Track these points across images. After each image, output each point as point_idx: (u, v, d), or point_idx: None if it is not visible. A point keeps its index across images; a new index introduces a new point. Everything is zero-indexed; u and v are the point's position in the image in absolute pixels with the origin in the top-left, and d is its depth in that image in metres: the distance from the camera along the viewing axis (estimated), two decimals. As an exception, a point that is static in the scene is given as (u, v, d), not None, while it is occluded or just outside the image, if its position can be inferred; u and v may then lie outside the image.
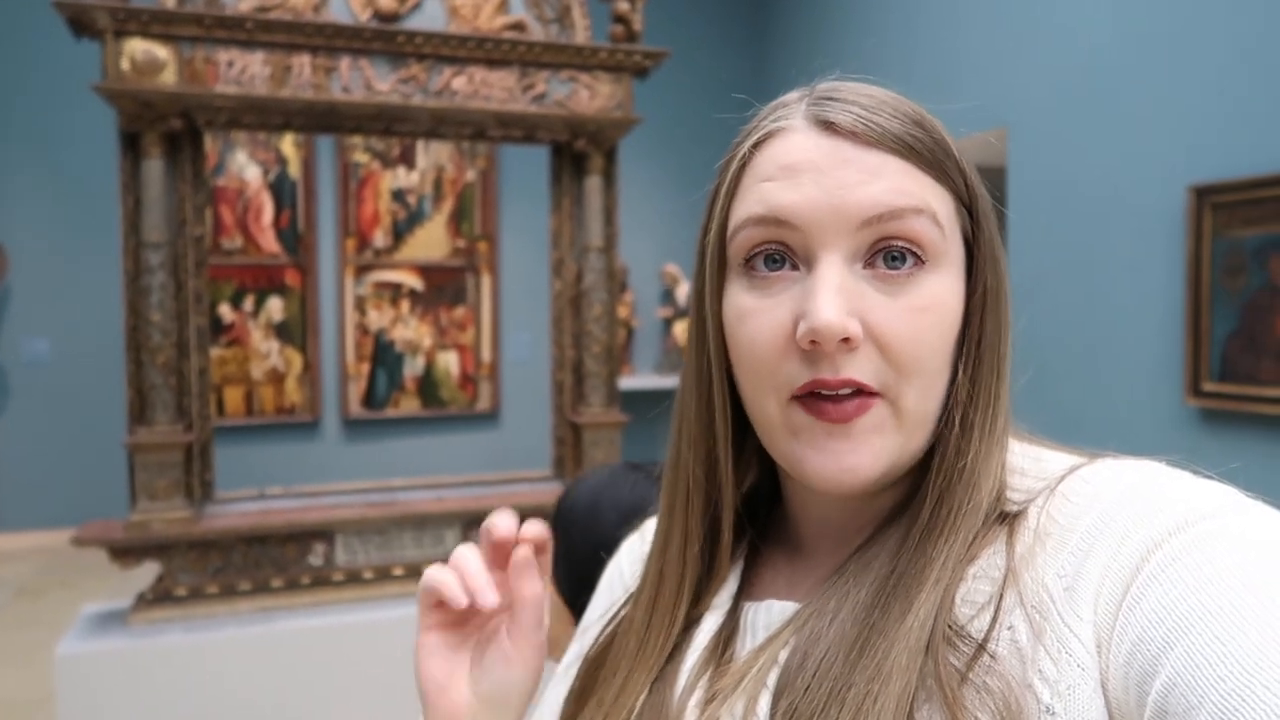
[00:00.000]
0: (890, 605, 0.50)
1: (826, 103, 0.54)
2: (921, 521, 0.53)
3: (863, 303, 0.51)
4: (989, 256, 0.55)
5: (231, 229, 5.09)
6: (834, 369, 0.51)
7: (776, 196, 0.52)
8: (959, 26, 3.87)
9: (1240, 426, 2.67)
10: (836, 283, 0.50)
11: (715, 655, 0.57)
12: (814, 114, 0.54)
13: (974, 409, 0.53)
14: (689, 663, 0.57)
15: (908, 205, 0.51)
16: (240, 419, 5.11)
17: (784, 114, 0.55)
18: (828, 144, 0.52)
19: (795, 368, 0.52)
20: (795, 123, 0.54)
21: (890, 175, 0.51)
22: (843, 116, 0.52)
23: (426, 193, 5.38)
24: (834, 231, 0.51)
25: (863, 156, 0.52)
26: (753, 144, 0.55)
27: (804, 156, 0.52)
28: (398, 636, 2.28)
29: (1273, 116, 2.56)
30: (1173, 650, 0.40)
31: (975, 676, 0.46)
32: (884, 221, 0.51)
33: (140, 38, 2.10)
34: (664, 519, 0.62)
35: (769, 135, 0.55)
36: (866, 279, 0.52)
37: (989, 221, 0.56)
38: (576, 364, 2.62)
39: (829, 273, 0.51)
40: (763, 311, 0.53)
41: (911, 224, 0.51)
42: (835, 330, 0.49)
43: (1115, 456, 0.54)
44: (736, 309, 0.55)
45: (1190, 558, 0.43)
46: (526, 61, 2.39)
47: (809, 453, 0.52)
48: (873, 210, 0.51)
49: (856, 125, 0.52)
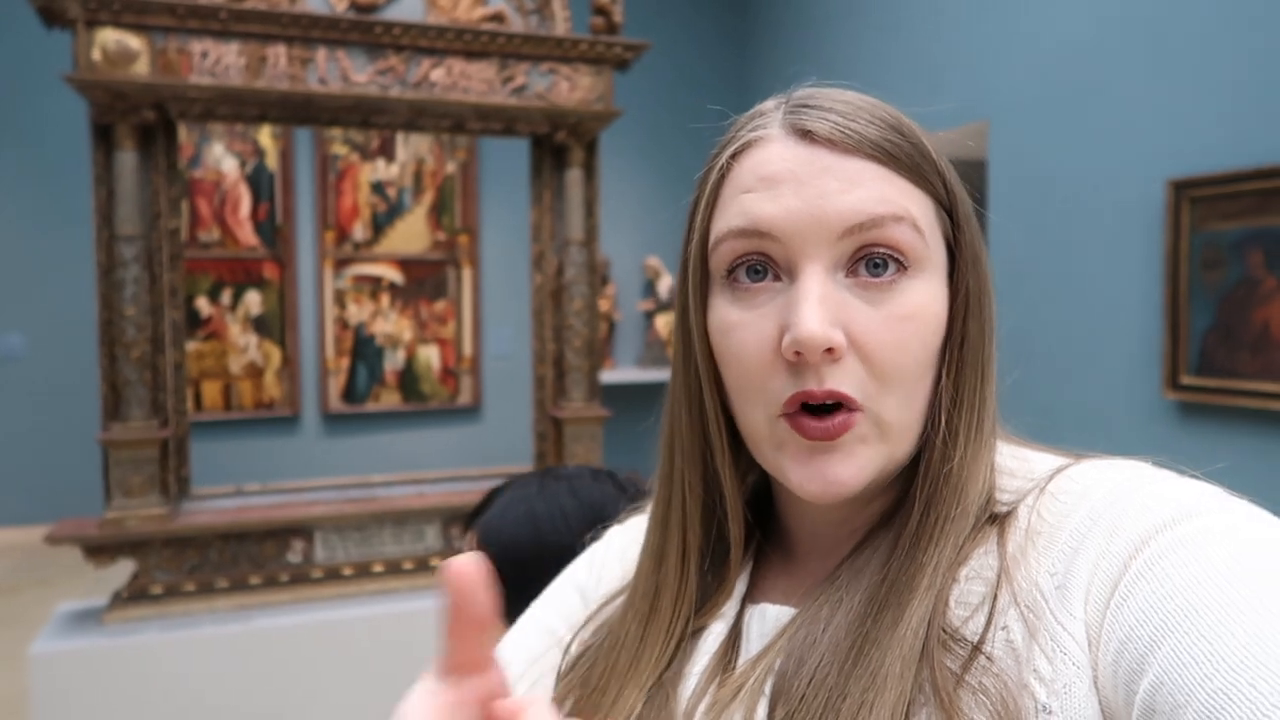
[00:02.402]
0: (882, 613, 0.50)
1: (803, 110, 0.53)
2: (910, 528, 0.53)
3: (846, 312, 0.51)
4: (971, 259, 0.55)
5: (209, 221, 5.04)
6: (819, 380, 0.51)
7: (756, 208, 0.52)
8: (940, 20, 3.87)
9: (1218, 420, 2.70)
10: (819, 293, 0.50)
11: (723, 661, 0.56)
12: (791, 122, 0.53)
13: (958, 413, 0.54)
14: (698, 667, 0.56)
15: (888, 213, 0.51)
16: (218, 414, 5.06)
17: (761, 123, 0.55)
18: (806, 153, 0.52)
19: (781, 381, 0.52)
20: (773, 132, 0.54)
21: (869, 183, 0.51)
22: (820, 125, 0.52)
23: (406, 185, 5.34)
24: (815, 242, 0.51)
25: (841, 164, 0.51)
26: (731, 154, 0.55)
27: (783, 166, 0.52)
28: (377, 634, 2.27)
29: (1251, 111, 2.57)
30: (1160, 648, 0.40)
31: (971, 678, 0.46)
32: (865, 230, 0.51)
33: (112, 27, 2.06)
34: (656, 533, 0.61)
35: (747, 145, 0.55)
36: (849, 288, 0.52)
37: (970, 224, 0.56)
38: (558, 358, 2.61)
39: (811, 283, 0.51)
40: (747, 324, 0.53)
41: (892, 231, 0.51)
42: (819, 341, 0.49)
43: (1101, 456, 0.54)
44: (721, 321, 0.55)
45: (1176, 556, 0.43)
46: (506, 53, 2.37)
47: (794, 466, 0.53)
48: (853, 219, 0.51)
49: (834, 133, 0.52)
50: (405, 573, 2.41)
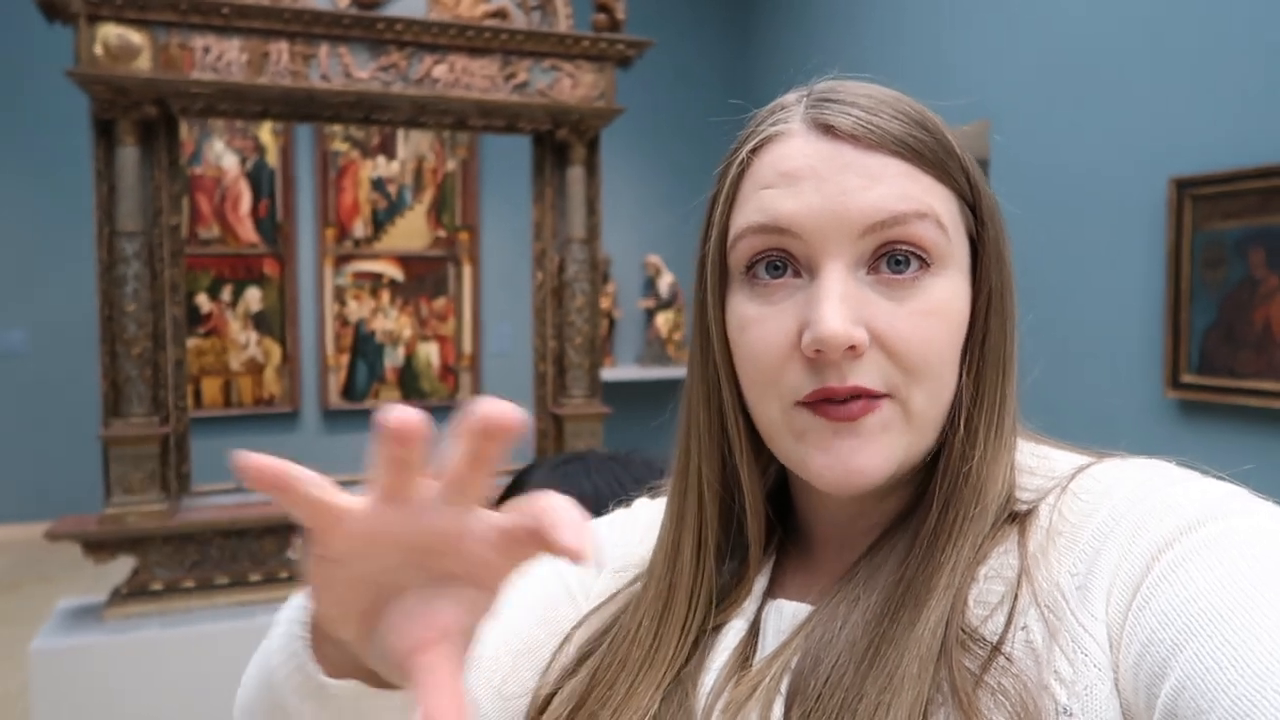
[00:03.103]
0: (900, 613, 0.49)
1: (825, 105, 0.52)
2: (929, 526, 0.52)
3: (868, 309, 0.50)
4: (994, 255, 0.54)
5: (209, 218, 5.03)
6: (840, 377, 0.50)
7: (777, 204, 0.51)
8: (941, 19, 3.86)
9: (1219, 419, 2.69)
10: (840, 290, 0.49)
11: (742, 658, 0.55)
12: (813, 117, 0.52)
13: (979, 411, 0.53)
14: (717, 663, 0.56)
15: (911, 210, 0.50)
16: (218, 410, 5.06)
17: (782, 117, 0.54)
18: (828, 148, 0.51)
19: (800, 376, 0.51)
20: (794, 126, 0.53)
21: (892, 179, 0.50)
22: (842, 119, 0.51)
23: (407, 182, 5.33)
24: (836, 239, 0.50)
25: (863, 160, 0.50)
26: (751, 149, 0.54)
27: (804, 162, 0.51)
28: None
29: (1254, 110, 2.57)
30: (1182, 652, 0.40)
31: (990, 679, 0.45)
32: (887, 227, 0.50)
33: (114, 22, 2.06)
34: (672, 528, 0.60)
35: (767, 140, 0.53)
36: (870, 285, 0.51)
37: (994, 219, 0.55)
38: (558, 355, 2.60)
39: (832, 281, 0.50)
40: (766, 320, 0.52)
41: (915, 228, 0.50)
42: (841, 340, 0.48)
43: (1124, 455, 0.53)
44: (739, 318, 0.54)
45: (1200, 559, 0.43)
46: (508, 50, 2.36)
47: (814, 453, 0.51)
48: (875, 216, 0.50)
49: (856, 128, 0.51)
50: (406, 570, 2.40)
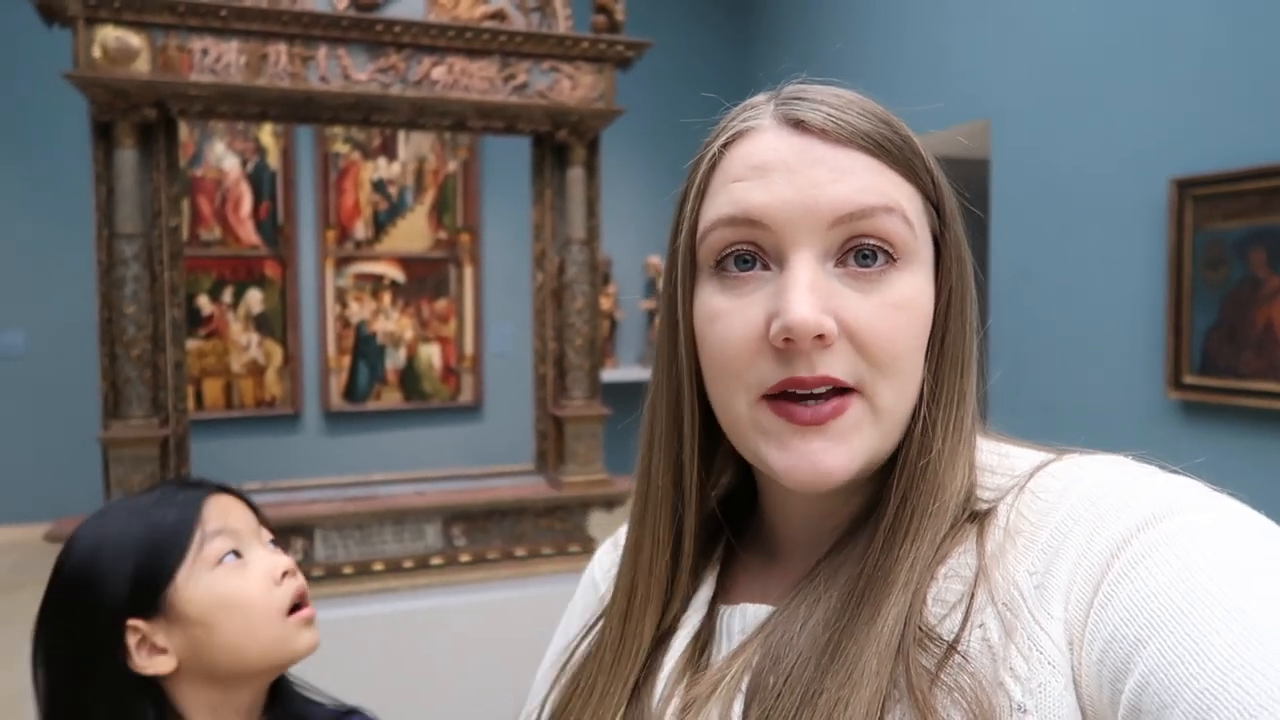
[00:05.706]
0: (859, 609, 0.49)
1: (795, 102, 0.53)
2: (887, 522, 0.52)
3: (836, 300, 0.51)
4: (955, 255, 0.55)
5: (210, 220, 5.03)
6: (809, 367, 0.50)
7: (747, 196, 0.52)
8: (942, 19, 3.86)
9: (1221, 419, 2.69)
10: (809, 280, 0.50)
11: (692, 662, 0.56)
12: (783, 113, 0.53)
13: (938, 408, 0.53)
14: (666, 669, 0.56)
15: (879, 204, 0.51)
16: (220, 411, 5.06)
17: (753, 114, 0.55)
18: (798, 142, 0.52)
19: (767, 367, 0.51)
20: (765, 122, 0.54)
21: (861, 173, 0.51)
22: (812, 115, 0.52)
23: (408, 184, 5.34)
24: (806, 230, 0.51)
25: (833, 154, 0.51)
26: (722, 144, 0.55)
27: (774, 155, 0.52)
28: (377, 633, 2.26)
29: (1254, 110, 2.56)
30: (1145, 648, 0.40)
31: (946, 677, 0.45)
32: (855, 220, 0.51)
33: (112, 25, 2.06)
34: (634, 528, 0.60)
35: (738, 135, 0.54)
36: (839, 277, 0.51)
37: (956, 221, 0.56)
38: (559, 357, 2.60)
39: (801, 270, 0.50)
40: (734, 312, 0.52)
41: (883, 222, 0.51)
42: (810, 327, 0.49)
43: (1082, 452, 0.54)
44: (708, 310, 0.54)
45: (1159, 554, 0.43)
46: (507, 51, 2.36)
47: (779, 453, 0.52)
48: (844, 208, 0.51)
49: (827, 123, 0.52)
50: (405, 571, 2.40)
